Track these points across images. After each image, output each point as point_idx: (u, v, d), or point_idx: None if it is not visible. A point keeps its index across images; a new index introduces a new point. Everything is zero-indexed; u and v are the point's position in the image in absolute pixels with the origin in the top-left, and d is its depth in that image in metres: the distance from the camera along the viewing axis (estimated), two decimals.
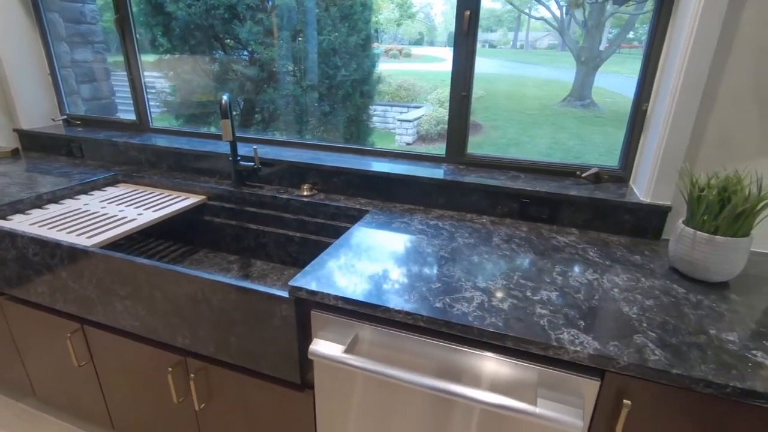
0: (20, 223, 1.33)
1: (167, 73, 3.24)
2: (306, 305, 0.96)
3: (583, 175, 1.36)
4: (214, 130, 1.89)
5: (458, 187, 1.36)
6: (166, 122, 3.29)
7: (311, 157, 1.58)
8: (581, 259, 1.08)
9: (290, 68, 3.09)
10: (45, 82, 2.05)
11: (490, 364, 0.83)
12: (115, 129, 2.01)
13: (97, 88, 2.30)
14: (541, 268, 1.02)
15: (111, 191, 1.64)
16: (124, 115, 2.09)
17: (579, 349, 0.75)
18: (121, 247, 1.51)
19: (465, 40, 1.36)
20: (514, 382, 0.82)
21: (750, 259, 1.06)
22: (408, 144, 5.10)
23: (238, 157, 1.55)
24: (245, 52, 2.98)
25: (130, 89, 1.92)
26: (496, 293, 0.91)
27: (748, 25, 1.00)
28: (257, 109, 3.18)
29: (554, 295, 0.91)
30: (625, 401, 0.75)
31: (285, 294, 0.94)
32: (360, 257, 1.06)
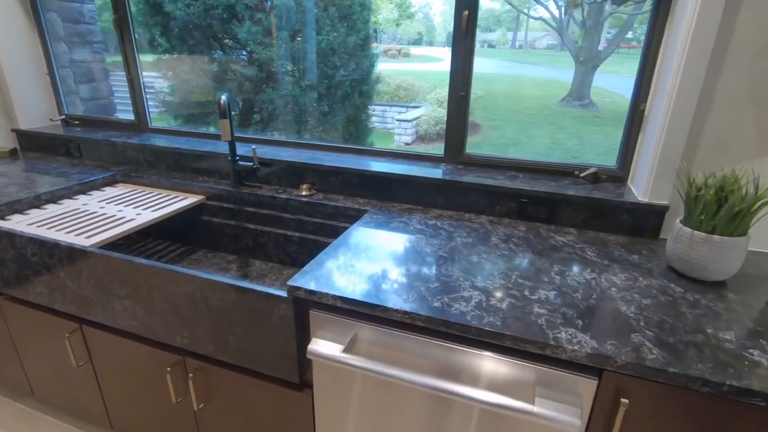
0: (19, 223, 1.33)
1: (166, 73, 3.23)
2: (305, 305, 0.96)
3: (582, 175, 1.36)
4: (212, 130, 1.89)
5: (457, 187, 1.36)
6: (165, 122, 3.28)
7: (310, 157, 1.58)
8: (579, 258, 1.08)
9: (289, 68, 3.09)
10: (43, 82, 2.05)
11: (489, 363, 0.83)
12: (113, 129, 2.01)
13: (96, 88, 2.30)
14: (539, 268, 1.03)
15: (109, 191, 1.64)
16: (123, 115, 2.09)
17: (577, 348, 0.75)
18: (120, 247, 1.51)
19: (463, 40, 1.36)
20: (512, 381, 0.82)
21: (747, 259, 1.07)
22: (407, 144, 5.10)
23: (237, 157, 1.55)
24: (244, 52, 2.98)
25: (129, 89, 1.92)
26: (495, 293, 0.91)
27: (744, 28, 1.01)
28: (256, 109, 3.18)
29: (552, 295, 0.91)
30: (623, 400, 0.75)
31: (283, 294, 0.94)
32: (358, 257, 1.06)
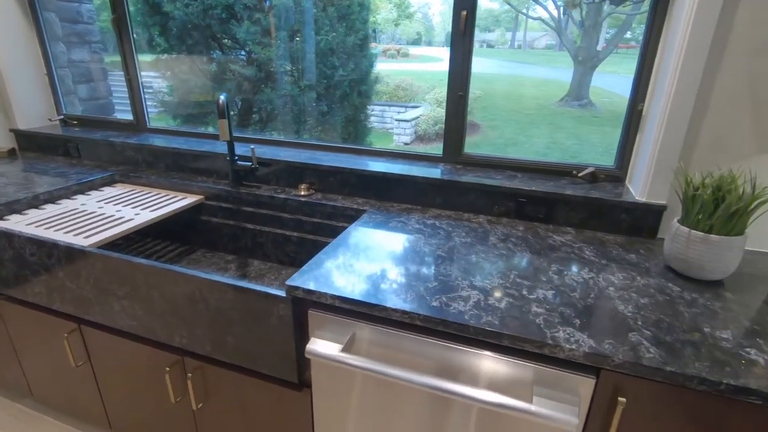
0: (17, 224, 1.33)
1: (164, 73, 3.23)
2: (303, 304, 0.96)
3: (580, 175, 1.36)
4: (211, 130, 1.89)
5: (455, 187, 1.36)
6: (164, 122, 3.28)
7: (309, 156, 1.58)
8: (577, 258, 1.08)
9: (288, 68, 3.09)
10: (42, 82, 2.05)
11: (487, 362, 0.83)
12: (112, 129, 2.01)
13: (94, 88, 2.30)
14: (537, 267, 1.03)
15: (108, 191, 1.64)
16: (122, 115, 2.09)
17: (574, 347, 0.75)
18: (119, 247, 1.50)
19: (462, 40, 1.36)
20: (511, 380, 0.83)
21: (744, 258, 1.07)
22: (406, 144, 5.10)
23: (236, 157, 1.55)
24: (243, 52, 2.98)
25: (128, 89, 1.92)
26: (493, 292, 0.92)
27: (742, 25, 1.01)
28: (255, 109, 3.18)
29: (550, 294, 0.91)
30: (620, 398, 0.75)
31: (282, 293, 0.95)
32: (357, 256, 1.06)
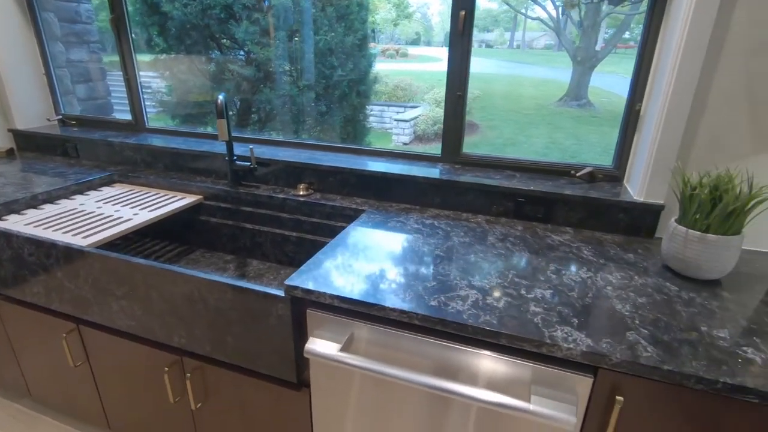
0: (15, 224, 1.33)
1: (163, 73, 3.23)
2: (302, 304, 0.96)
3: (578, 175, 1.37)
4: (210, 130, 1.89)
5: (454, 187, 1.36)
6: (162, 122, 3.28)
7: (308, 156, 1.58)
8: (575, 257, 1.09)
9: (287, 68, 3.09)
10: (40, 81, 2.05)
11: (485, 361, 0.84)
12: (110, 129, 2.01)
13: (93, 88, 2.29)
14: (535, 267, 1.03)
15: (107, 191, 1.64)
16: (120, 115, 2.09)
17: (572, 346, 0.75)
18: (117, 247, 1.50)
19: (460, 40, 1.36)
20: (509, 379, 0.83)
21: (741, 257, 1.07)
22: (405, 144, 5.09)
23: (235, 157, 1.55)
24: (241, 52, 2.98)
25: (126, 89, 1.92)
26: (491, 291, 0.92)
27: (739, 25, 1.01)
28: (254, 109, 3.18)
29: (548, 293, 0.91)
30: (618, 397, 0.75)
31: (281, 293, 0.95)
32: (356, 256, 1.06)
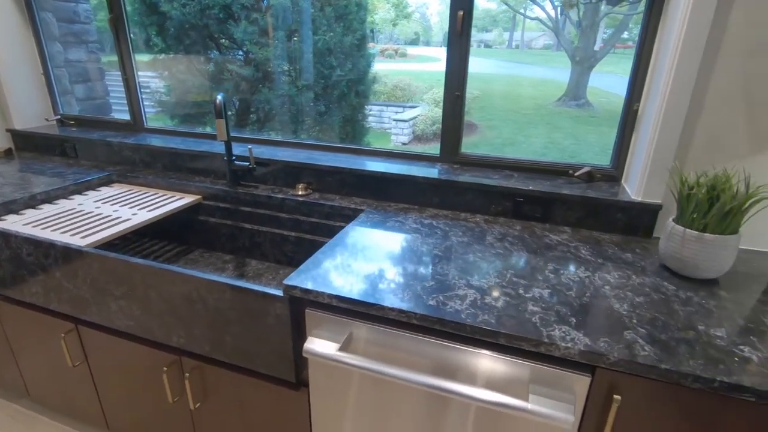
0: (14, 224, 1.33)
1: (162, 73, 3.22)
2: (300, 304, 0.97)
3: (576, 174, 1.37)
4: (209, 130, 1.89)
5: (452, 187, 1.36)
6: (161, 122, 3.27)
7: (306, 156, 1.58)
8: (573, 257, 1.09)
9: (285, 68, 3.09)
10: (38, 81, 2.04)
11: (483, 361, 0.84)
12: (109, 129, 2.01)
13: (91, 88, 2.29)
14: (533, 266, 1.03)
15: (105, 191, 1.63)
16: (119, 115, 2.09)
17: (570, 345, 0.76)
18: (116, 247, 1.50)
19: (458, 40, 1.36)
20: (507, 378, 0.83)
21: (738, 257, 1.08)
22: (404, 144, 5.09)
23: (233, 157, 1.55)
24: (240, 52, 2.98)
25: (125, 89, 1.92)
26: (489, 291, 0.92)
27: (736, 26, 1.01)
28: (252, 109, 3.18)
29: (546, 293, 0.92)
30: (616, 396, 0.76)
31: (279, 293, 0.95)
32: (354, 256, 1.06)
